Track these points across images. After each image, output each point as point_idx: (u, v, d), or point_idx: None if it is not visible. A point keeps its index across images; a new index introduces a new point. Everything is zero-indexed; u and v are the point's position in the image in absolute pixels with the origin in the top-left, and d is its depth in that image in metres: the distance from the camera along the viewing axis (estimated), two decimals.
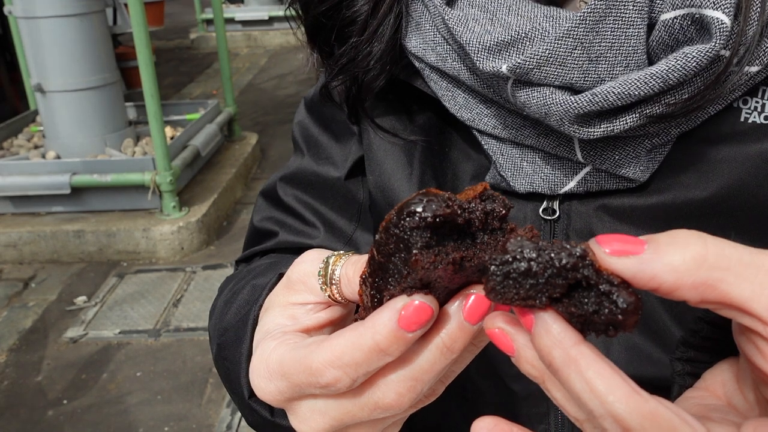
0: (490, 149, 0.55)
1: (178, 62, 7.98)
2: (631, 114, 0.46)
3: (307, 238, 0.68)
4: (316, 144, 0.70)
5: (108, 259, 3.34)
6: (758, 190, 0.49)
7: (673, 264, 0.29)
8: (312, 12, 0.60)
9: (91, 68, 3.50)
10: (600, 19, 0.45)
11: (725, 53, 0.44)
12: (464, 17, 0.51)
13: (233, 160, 4.21)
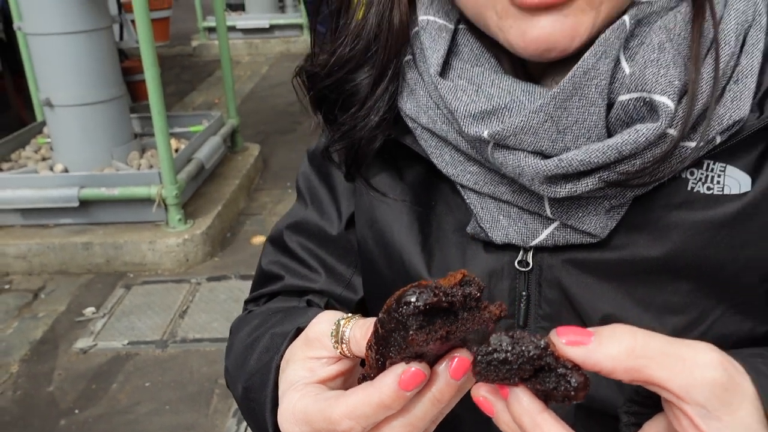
0: (472, 203, 0.63)
1: (180, 70, 8.06)
2: (591, 178, 0.55)
3: (310, 282, 0.77)
4: (317, 198, 0.79)
5: (115, 271, 3.43)
6: (702, 252, 0.58)
7: (610, 354, 0.40)
8: (317, 86, 0.69)
9: (98, 83, 3.59)
10: (567, 98, 0.54)
11: (672, 132, 0.53)
12: (454, 87, 0.59)
13: (236, 172, 4.30)
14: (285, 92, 6.81)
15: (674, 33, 0.54)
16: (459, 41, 0.62)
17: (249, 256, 3.57)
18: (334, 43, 0.67)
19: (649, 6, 0.55)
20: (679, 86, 0.53)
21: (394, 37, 0.63)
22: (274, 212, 4.10)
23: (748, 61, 0.55)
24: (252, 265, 3.43)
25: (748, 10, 0.56)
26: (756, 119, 0.55)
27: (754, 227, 0.58)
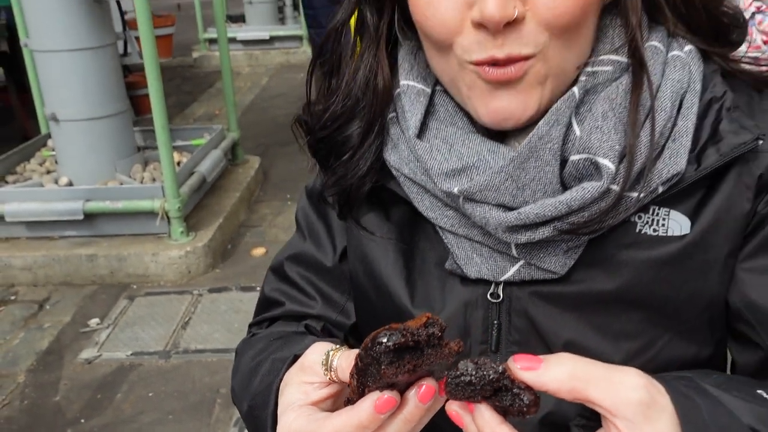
0: (449, 242, 0.72)
1: (181, 81, 8.16)
2: (546, 227, 0.64)
3: (308, 308, 0.86)
4: (314, 232, 0.88)
5: (119, 282, 3.51)
6: (650, 286, 0.67)
7: (555, 377, 0.49)
8: (314, 136, 0.78)
9: (103, 98, 3.68)
10: (525, 160, 0.63)
11: (615, 187, 0.62)
12: (430, 148, 0.68)
13: (236, 184, 4.38)
14: (285, 104, 6.91)
15: (616, 102, 0.63)
16: (436, 102, 0.71)
17: (249, 267, 3.65)
18: (328, 101, 0.76)
19: (595, 78, 0.65)
20: (619, 150, 0.62)
21: (378, 99, 0.72)
22: (274, 224, 4.18)
23: (684, 122, 0.64)
24: (252, 277, 3.52)
25: (683, 78, 0.65)
26: (694, 171, 0.64)
27: (693, 265, 0.67)
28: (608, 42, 0.67)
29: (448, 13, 0.62)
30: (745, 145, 0.64)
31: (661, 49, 0.66)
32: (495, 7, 0.58)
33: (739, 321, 0.69)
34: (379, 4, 0.71)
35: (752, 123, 0.66)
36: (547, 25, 0.60)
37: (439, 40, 0.64)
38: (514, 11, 0.59)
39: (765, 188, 0.66)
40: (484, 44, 0.61)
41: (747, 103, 0.68)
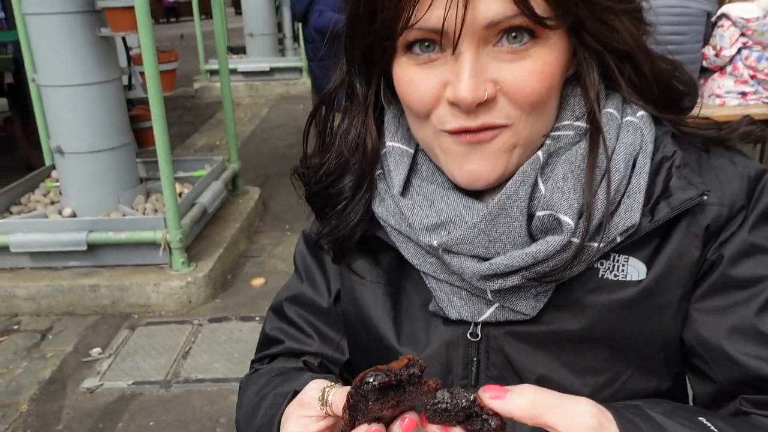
0: (432, 287, 0.79)
1: (183, 111, 8.31)
2: (516, 276, 0.72)
3: (306, 345, 0.94)
4: (311, 275, 0.95)
5: (120, 312, 3.58)
6: (612, 326, 0.75)
7: (518, 405, 0.57)
8: (310, 189, 0.86)
9: (107, 131, 3.78)
10: (495, 216, 0.71)
11: (575, 240, 0.70)
12: (412, 204, 0.76)
13: (237, 215, 4.47)
14: (284, 134, 7.03)
15: (575, 165, 0.72)
16: (418, 161, 0.80)
17: (249, 298, 3.72)
18: (322, 157, 0.85)
19: (557, 142, 0.73)
20: (578, 207, 0.70)
21: (367, 159, 0.80)
22: (273, 254, 4.25)
23: (637, 180, 0.72)
24: (251, 307, 3.59)
25: (636, 142, 0.73)
26: (648, 223, 0.72)
27: (649, 307, 0.74)
28: (570, 110, 0.75)
29: (427, 91, 0.70)
30: (692, 200, 0.72)
31: (616, 115, 0.75)
32: (467, 90, 0.65)
33: (694, 356, 0.77)
34: (367, 76, 0.79)
35: (699, 180, 0.74)
36: (516, 103, 0.69)
37: (418, 112, 0.72)
38: (484, 94, 0.66)
39: (712, 237, 0.74)
40: (457, 117, 0.69)
41: (696, 160, 0.77)
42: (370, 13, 0.70)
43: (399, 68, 0.72)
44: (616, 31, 0.71)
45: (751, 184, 0.75)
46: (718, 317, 0.74)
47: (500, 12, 0.64)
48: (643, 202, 0.72)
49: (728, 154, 0.78)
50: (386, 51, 0.72)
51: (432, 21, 0.65)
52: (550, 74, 0.69)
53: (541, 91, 0.69)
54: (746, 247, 0.74)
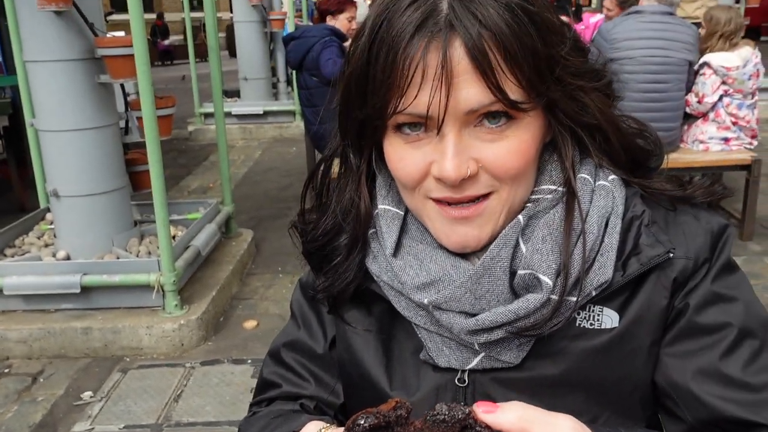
0: (423, 336, 0.84)
1: (177, 153, 8.39)
2: (500, 330, 0.78)
3: (303, 389, 0.98)
4: (308, 322, 1.00)
5: (112, 355, 3.58)
6: (588, 371, 0.80)
7: (508, 419, 0.62)
8: (307, 246, 0.92)
9: (103, 175, 3.84)
10: (481, 276, 0.77)
11: (554, 297, 0.76)
12: (404, 265, 0.82)
13: (230, 257, 4.50)
14: (277, 177, 7.11)
15: (553, 228, 0.78)
16: (408, 221, 0.86)
17: (241, 340, 3.73)
18: (319, 218, 0.91)
19: (537, 205, 0.80)
20: (556, 267, 0.76)
21: (361, 222, 0.86)
22: (265, 297, 4.28)
23: (609, 240, 0.79)
24: (243, 350, 3.60)
25: (608, 204, 0.80)
26: (621, 277, 0.79)
27: (622, 353, 0.80)
28: (548, 174, 0.82)
29: (415, 168, 0.77)
30: (659, 257, 0.79)
31: (589, 180, 0.82)
32: (451, 169, 0.72)
33: (666, 398, 0.82)
34: (359, 148, 0.85)
35: (666, 238, 0.81)
36: (497, 177, 0.76)
37: (407, 185, 0.79)
38: (467, 171, 0.73)
39: (679, 288, 0.81)
40: (443, 190, 0.76)
41: (663, 218, 0.83)
42: (361, 98, 0.76)
43: (389, 146, 0.79)
44: (586, 107, 0.79)
45: (714, 238, 0.83)
46: (685, 361, 0.80)
47: (478, 100, 0.71)
48: (615, 258, 0.78)
49: (693, 211, 0.85)
50: (377, 129, 0.78)
51: (419, 107, 0.72)
52: (526, 151, 0.76)
53: (519, 166, 0.76)
54: (709, 296, 0.81)
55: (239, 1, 8.77)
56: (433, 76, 0.70)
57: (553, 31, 0.75)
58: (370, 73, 0.74)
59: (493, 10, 0.70)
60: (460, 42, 0.70)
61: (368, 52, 0.73)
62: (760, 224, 4.92)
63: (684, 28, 4.46)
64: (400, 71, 0.71)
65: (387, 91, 0.73)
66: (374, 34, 0.73)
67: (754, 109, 4.74)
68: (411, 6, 0.71)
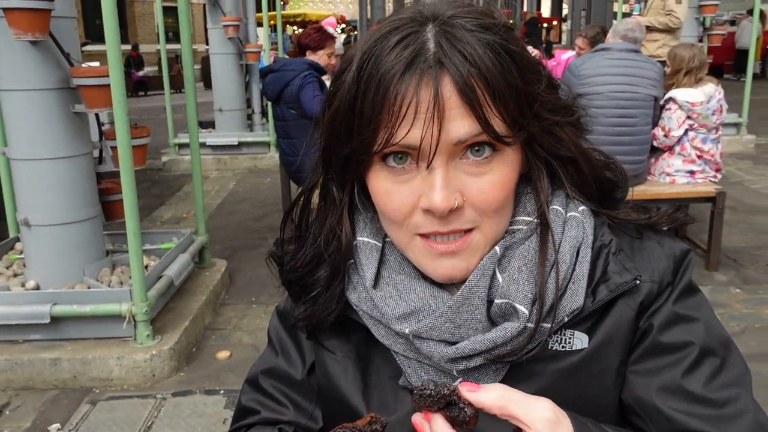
0: (401, 363, 0.87)
1: (151, 183, 8.35)
2: (478, 357, 0.81)
3: (281, 415, 0.99)
4: (286, 349, 1.02)
5: (81, 386, 3.52)
6: (560, 391, 0.82)
7: (489, 398, 0.67)
8: (286, 276, 0.94)
9: (76, 204, 3.81)
10: (460, 306, 0.81)
11: (530, 325, 0.79)
12: (384, 296, 0.85)
13: (203, 287, 4.47)
14: (251, 208, 7.11)
15: (528, 259, 0.82)
16: (386, 252, 0.89)
17: (214, 371, 3.70)
18: (299, 249, 0.93)
19: (513, 236, 0.84)
20: (531, 297, 0.80)
21: (342, 253, 0.89)
22: (239, 327, 4.25)
23: (580, 269, 0.83)
24: (216, 380, 3.57)
25: (578, 234, 0.84)
26: (591, 303, 0.83)
27: (591, 372, 0.84)
28: (522, 206, 0.87)
29: (403, 201, 0.79)
30: (627, 284, 0.84)
31: (561, 211, 0.86)
32: (441, 200, 0.75)
33: (633, 414, 0.86)
34: (343, 182, 0.87)
35: (632, 265, 0.85)
36: (480, 210, 0.79)
37: (394, 219, 0.81)
38: (454, 203, 0.76)
39: (645, 310, 0.85)
40: (431, 222, 0.79)
41: (629, 245, 0.88)
42: (348, 132, 0.78)
43: (375, 180, 0.81)
44: (562, 141, 0.84)
45: (676, 263, 0.88)
46: (650, 378, 0.84)
47: (467, 132, 0.75)
48: (586, 286, 0.83)
49: (657, 237, 0.90)
50: (362, 163, 0.81)
51: (410, 140, 0.75)
52: (507, 184, 0.80)
53: (501, 199, 0.80)
54: (672, 316, 0.85)
55: (215, 34, 8.83)
56: (425, 111, 0.73)
57: (531, 69, 0.79)
58: (357, 108, 0.76)
59: (479, 48, 0.74)
60: (450, 79, 0.73)
61: (356, 88, 0.76)
62: (725, 255, 5.04)
63: (649, 65, 4.62)
64: (391, 107, 0.74)
65: (376, 127, 0.75)
66: (362, 71, 0.76)
67: (718, 143, 4.90)
68: (399, 44, 0.75)
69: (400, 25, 0.77)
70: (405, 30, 0.76)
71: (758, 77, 15.10)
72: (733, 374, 0.84)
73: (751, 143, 9.06)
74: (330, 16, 16.53)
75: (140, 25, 28.96)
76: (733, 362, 0.85)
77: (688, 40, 8.03)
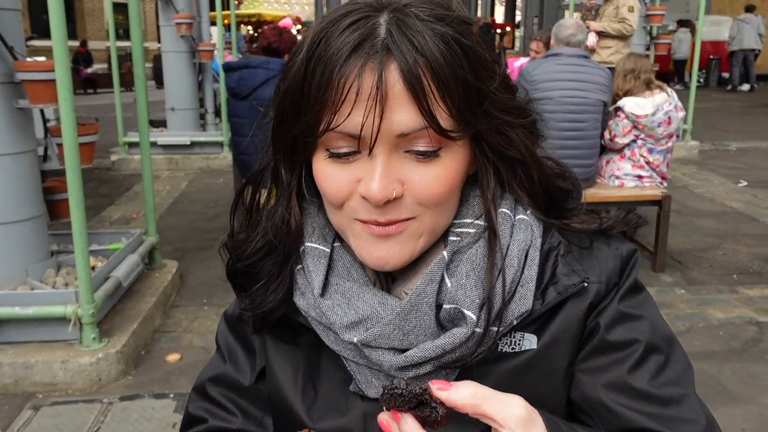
0: (351, 369, 0.86)
1: (98, 183, 8.14)
2: (428, 364, 0.80)
3: (230, 423, 0.98)
4: (234, 355, 1.00)
5: (24, 391, 3.39)
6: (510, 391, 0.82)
7: (461, 396, 0.66)
8: (236, 265, 0.92)
9: (19, 203, 3.68)
10: (408, 312, 0.80)
11: (478, 330, 0.79)
12: (332, 305, 0.83)
13: (153, 289, 4.37)
14: (203, 208, 6.99)
15: (476, 264, 0.81)
16: (334, 257, 0.87)
17: (163, 374, 3.62)
18: (249, 234, 0.91)
19: (461, 240, 0.84)
20: (479, 302, 0.80)
21: (291, 239, 0.87)
22: (189, 329, 4.17)
23: (529, 272, 0.83)
24: (166, 384, 3.49)
25: (527, 237, 0.84)
26: (540, 305, 0.83)
27: (540, 373, 0.85)
28: (470, 208, 0.86)
29: (342, 185, 0.78)
30: (575, 286, 0.84)
31: (509, 214, 0.85)
32: (377, 189, 0.74)
33: (581, 412, 0.87)
34: (291, 164, 0.86)
35: (580, 267, 0.86)
36: (420, 201, 0.78)
37: (333, 202, 0.80)
38: (392, 193, 0.75)
39: (592, 311, 0.86)
40: (368, 209, 0.77)
41: (578, 246, 0.88)
42: (295, 113, 0.77)
43: (317, 162, 0.80)
44: (512, 142, 0.83)
45: (623, 262, 0.89)
46: (596, 376, 0.85)
47: (410, 125, 0.73)
48: (534, 289, 0.83)
49: (604, 238, 0.91)
50: (308, 146, 0.79)
51: (350, 127, 0.73)
52: (452, 179, 0.79)
53: (443, 193, 0.79)
54: (617, 315, 0.86)
55: (168, 31, 8.66)
56: (367, 96, 0.72)
57: (484, 66, 0.78)
58: (305, 90, 0.75)
59: (429, 38, 0.73)
60: (396, 66, 0.72)
61: (305, 68, 0.75)
62: (671, 257, 5.19)
63: (598, 71, 4.73)
64: (335, 89, 0.72)
65: (320, 108, 0.74)
66: (311, 51, 0.74)
67: (667, 154, 5.02)
68: (350, 27, 0.73)
69: (354, 9, 0.76)
70: (357, 14, 0.75)
71: (701, 86, 15.63)
72: (677, 370, 0.85)
73: (695, 149, 9.36)
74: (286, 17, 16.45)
75: (90, 21, 28.27)
76: (676, 359, 0.87)
77: (636, 48, 8.26)
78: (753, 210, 6.67)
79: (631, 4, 7.57)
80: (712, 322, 4.16)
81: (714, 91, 17.45)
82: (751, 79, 17.45)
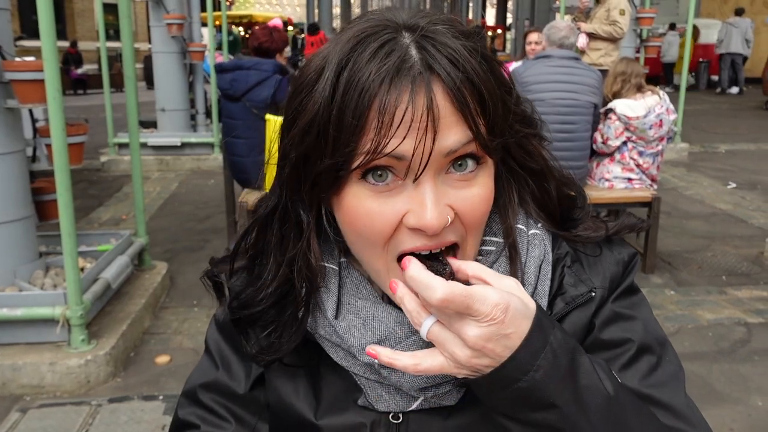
0: (361, 383, 0.84)
1: (88, 184, 8.09)
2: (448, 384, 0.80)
3: (223, 429, 0.96)
4: (227, 362, 0.97)
5: (11, 394, 3.37)
6: None
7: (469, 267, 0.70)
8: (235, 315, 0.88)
9: (7, 204, 3.65)
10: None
11: None
12: (347, 326, 0.81)
13: (143, 291, 4.35)
14: (194, 209, 6.96)
15: None
16: (343, 275, 0.86)
17: (152, 376, 3.59)
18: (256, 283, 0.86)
19: (485, 259, 0.84)
20: None
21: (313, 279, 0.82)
22: (179, 331, 4.15)
23: (542, 287, 0.83)
24: (155, 386, 3.47)
25: (540, 253, 0.85)
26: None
27: None
28: (488, 226, 0.85)
29: (387, 221, 0.73)
30: (582, 296, 0.84)
31: (524, 230, 0.85)
32: (433, 218, 0.71)
33: None
34: (310, 203, 0.79)
35: (587, 276, 0.86)
36: (467, 222, 0.75)
37: (376, 242, 0.75)
38: (447, 219, 0.72)
39: (597, 313, 0.86)
40: (417, 238, 0.74)
41: (585, 257, 0.88)
42: (323, 146, 0.72)
43: (353, 199, 0.74)
44: (531, 153, 0.83)
45: (624, 266, 0.89)
46: None
47: (457, 140, 0.71)
48: (547, 303, 0.83)
49: (607, 244, 0.91)
50: (337, 180, 0.74)
51: (402, 150, 0.69)
52: (489, 197, 0.78)
53: (486, 212, 0.78)
54: (611, 315, 0.86)
55: (158, 32, 8.63)
56: (419, 119, 0.68)
57: (504, 78, 0.77)
58: (335, 120, 0.70)
59: (464, 54, 0.71)
60: (442, 85, 0.70)
61: (333, 98, 0.70)
62: (661, 258, 5.21)
63: (589, 73, 4.74)
64: (380, 115, 0.68)
65: (360, 137, 0.70)
66: (339, 79, 0.70)
67: (657, 157, 5.03)
68: (380, 50, 0.70)
69: (372, 32, 0.72)
70: (382, 36, 0.71)
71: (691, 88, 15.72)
72: (668, 371, 0.85)
73: (685, 151, 9.41)
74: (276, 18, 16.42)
75: (80, 21, 28.12)
76: (668, 360, 0.87)
77: (627, 51, 8.30)
78: (741, 212, 6.72)
79: (622, 7, 7.61)
80: (701, 323, 4.19)
81: (703, 94, 17.57)
82: (740, 82, 17.58)
